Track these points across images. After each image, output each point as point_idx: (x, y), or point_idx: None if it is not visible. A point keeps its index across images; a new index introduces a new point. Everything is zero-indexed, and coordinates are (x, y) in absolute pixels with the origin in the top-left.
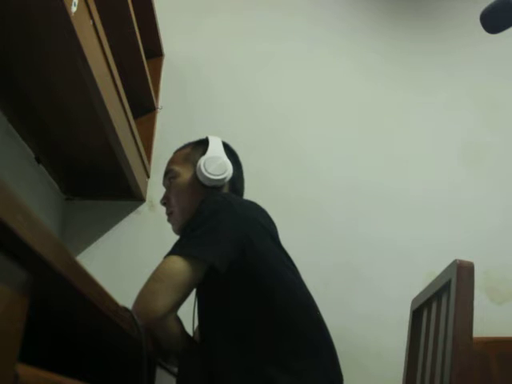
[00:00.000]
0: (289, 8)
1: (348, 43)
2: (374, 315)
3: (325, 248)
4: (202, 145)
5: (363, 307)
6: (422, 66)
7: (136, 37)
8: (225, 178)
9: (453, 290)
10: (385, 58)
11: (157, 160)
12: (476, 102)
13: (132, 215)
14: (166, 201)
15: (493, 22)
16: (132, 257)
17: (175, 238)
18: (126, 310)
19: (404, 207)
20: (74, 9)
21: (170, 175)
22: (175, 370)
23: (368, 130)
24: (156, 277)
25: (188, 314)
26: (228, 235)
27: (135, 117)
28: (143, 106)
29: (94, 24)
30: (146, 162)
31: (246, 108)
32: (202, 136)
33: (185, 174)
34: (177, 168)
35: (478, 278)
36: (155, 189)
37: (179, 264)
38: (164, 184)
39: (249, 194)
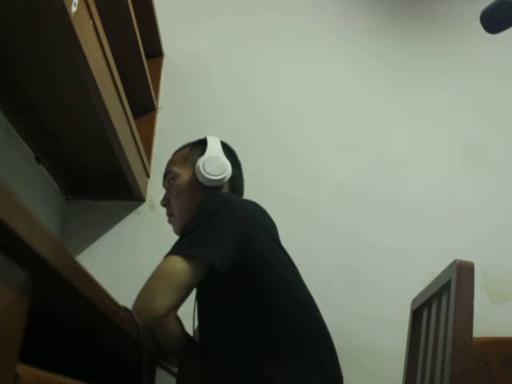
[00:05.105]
0: (289, 9)
1: (348, 44)
2: (375, 315)
3: (325, 249)
4: (200, 145)
5: (363, 307)
6: (422, 68)
7: (136, 37)
8: (224, 178)
9: (453, 290)
10: (385, 59)
11: (157, 160)
12: (476, 102)
13: (132, 215)
14: (166, 202)
15: (493, 21)
16: (132, 257)
17: (175, 238)
18: (126, 309)
19: (404, 208)
20: (73, 9)
21: (169, 176)
22: (175, 370)
23: (368, 131)
24: (156, 277)
25: (188, 314)
26: (228, 235)
27: (135, 117)
28: (143, 106)
29: (94, 24)
30: (146, 162)
31: (246, 108)
32: (202, 136)
33: (184, 175)
34: (176, 169)
35: (477, 278)
36: (155, 189)
37: (179, 264)
38: (164, 185)
39: (249, 194)
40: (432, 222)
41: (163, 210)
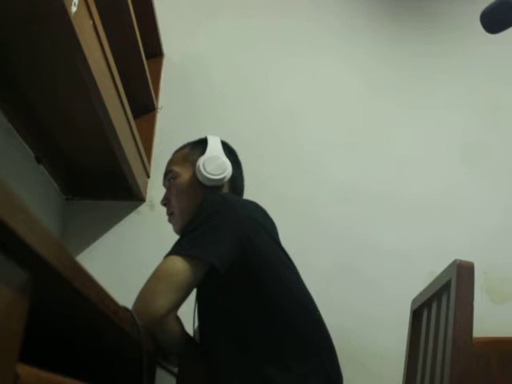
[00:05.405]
0: (289, 9)
1: (348, 45)
2: (375, 315)
3: (325, 249)
4: (200, 144)
5: (364, 307)
6: (422, 68)
7: (136, 37)
8: (224, 178)
9: (453, 290)
10: (385, 59)
11: (157, 160)
12: (476, 103)
13: (132, 215)
14: (166, 201)
15: (493, 21)
16: (132, 257)
17: (175, 237)
18: (126, 309)
19: (404, 208)
20: (73, 9)
21: (169, 176)
22: (175, 370)
23: (368, 131)
24: (156, 276)
25: (188, 314)
26: (228, 235)
27: (135, 117)
28: (143, 106)
29: (94, 24)
30: (146, 162)
31: (246, 108)
32: (202, 136)
33: (184, 175)
34: (176, 168)
35: (477, 279)
36: (155, 189)
37: (179, 264)
38: (164, 185)
39: (249, 194)
40: (432, 222)
41: (163, 210)
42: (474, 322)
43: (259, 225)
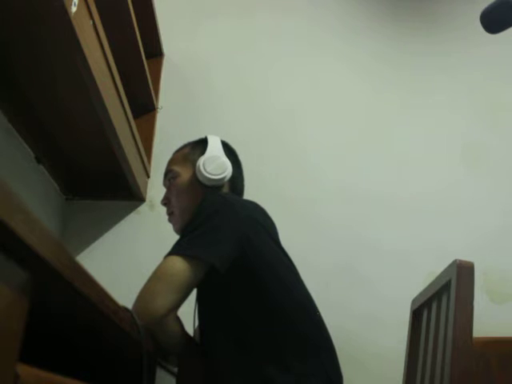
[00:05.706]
0: (289, 9)
1: (348, 45)
2: (375, 315)
3: (325, 249)
4: (201, 144)
5: (363, 307)
6: (422, 68)
7: (136, 37)
8: (224, 178)
9: (453, 290)
10: (385, 59)
11: (157, 160)
12: (475, 103)
13: (132, 215)
14: (166, 201)
15: (493, 21)
16: (132, 257)
17: (175, 238)
18: (126, 309)
19: (404, 208)
20: (73, 9)
21: (169, 176)
22: (175, 370)
23: (368, 132)
24: (156, 277)
25: (188, 314)
26: (228, 235)
27: (135, 117)
28: (143, 106)
29: (94, 24)
30: (146, 162)
31: (246, 108)
32: (202, 136)
33: (184, 174)
34: (176, 168)
35: (477, 279)
36: (155, 189)
37: (179, 264)
38: (164, 184)
39: (249, 194)
40: (432, 222)
41: (163, 210)
42: (474, 322)
43: (259, 225)
